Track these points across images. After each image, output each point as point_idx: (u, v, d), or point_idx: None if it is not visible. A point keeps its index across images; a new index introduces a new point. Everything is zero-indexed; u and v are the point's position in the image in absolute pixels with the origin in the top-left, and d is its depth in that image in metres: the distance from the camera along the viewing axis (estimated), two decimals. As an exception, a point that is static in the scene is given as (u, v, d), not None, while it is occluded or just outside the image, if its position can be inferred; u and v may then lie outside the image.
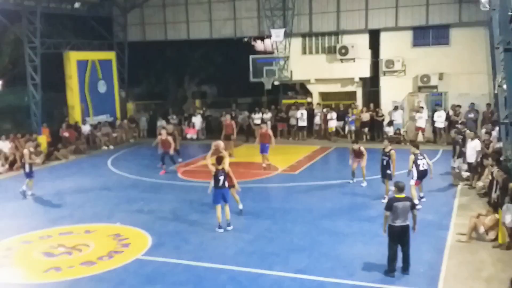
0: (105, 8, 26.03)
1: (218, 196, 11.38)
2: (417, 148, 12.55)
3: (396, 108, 22.41)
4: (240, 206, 12.48)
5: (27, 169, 14.98)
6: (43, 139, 21.25)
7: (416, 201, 11.42)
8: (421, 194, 13.04)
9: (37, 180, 16.48)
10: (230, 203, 11.86)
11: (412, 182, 12.33)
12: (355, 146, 14.31)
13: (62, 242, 11.06)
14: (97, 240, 11.16)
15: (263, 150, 17.39)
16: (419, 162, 12.28)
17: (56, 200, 14.57)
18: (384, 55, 22.96)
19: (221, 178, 11.36)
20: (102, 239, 11.27)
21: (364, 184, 14.38)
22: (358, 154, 14.33)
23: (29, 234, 11.73)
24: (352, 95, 24.21)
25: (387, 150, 12.91)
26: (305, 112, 23.60)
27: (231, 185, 12.09)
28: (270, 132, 17.50)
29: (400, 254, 8.95)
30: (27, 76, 21.31)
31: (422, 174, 12.39)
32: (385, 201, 10.47)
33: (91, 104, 24.80)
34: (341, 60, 23.50)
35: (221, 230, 11.42)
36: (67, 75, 23.61)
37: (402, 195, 8.78)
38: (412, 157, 12.36)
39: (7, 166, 18.82)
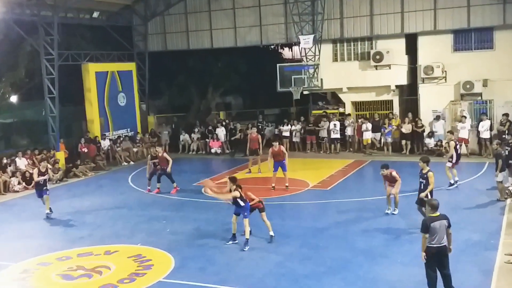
0: (124, 17, 26.59)
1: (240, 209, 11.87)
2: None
3: (437, 118, 22.10)
4: (271, 233, 12.28)
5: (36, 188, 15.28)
6: (61, 155, 21.72)
7: (452, 181, 15.99)
8: (456, 179, 16.21)
9: (55, 198, 16.83)
10: (260, 226, 11.82)
11: (449, 164, 16.05)
12: (385, 172, 13.51)
13: (81, 264, 11.22)
14: (118, 262, 11.27)
15: (279, 168, 16.99)
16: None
17: (74, 220, 14.82)
18: (422, 61, 22.72)
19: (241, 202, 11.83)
20: (123, 260, 11.38)
21: (396, 212, 13.91)
22: (391, 180, 13.78)
23: (46, 255, 11.94)
24: (388, 104, 24.02)
25: (424, 171, 12.20)
26: (337, 123, 23.54)
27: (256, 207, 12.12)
28: (283, 148, 17.33)
29: (441, 278, 8.73)
30: (44, 89, 21.87)
31: (458, 158, 16.11)
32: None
33: (111, 118, 25.26)
34: (376, 67, 23.37)
35: (235, 242, 11.85)
36: (86, 88, 24.14)
37: (437, 214, 8.59)
38: (452, 143, 16.14)
39: (23, 184, 19.25)
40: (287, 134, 24.67)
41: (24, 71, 24.06)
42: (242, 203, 11.83)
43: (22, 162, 19.99)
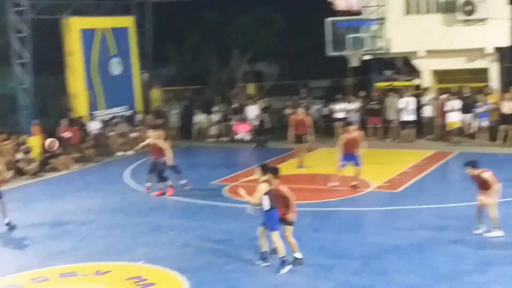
0: (120, -46, 26.73)
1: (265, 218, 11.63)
2: None
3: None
4: (297, 255, 11.97)
5: None
6: (36, 141, 22.03)
7: None
8: None
9: (28, 199, 17.11)
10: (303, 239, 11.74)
11: None
12: (472, 171, 12.79)
13: (63, 287, 11.35)
14: (112, 285, 11.34)
15: (349, 162, 16.99)
16: None
17: (53, 228, 14.99)
18: (532, 13, 22.35)
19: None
20: (118, 283, 11.44)
21: (497, 234, 13.37)
22: (482, 185, 13.12)
23: (17, 275, 12.05)
24: (483, 74, 23.69)
25: None
26: (411, 100, 23.30)
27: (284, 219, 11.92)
28: (360, 135, 17.18)
29: None
30: (12, 53, 22.16)
31: None
32: None
33: (101, 92, 25.54)
34: (465, 22, 23.03)
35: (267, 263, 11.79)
36: (68, 51, 24.40)
37: None
38: None
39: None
40: (340, 115, 24.53)
41: (-15, 28, 24.41)
42: (266, 206, 11.56)
43: (-17, 151, 20.38)
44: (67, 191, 18.65)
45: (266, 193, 11.47)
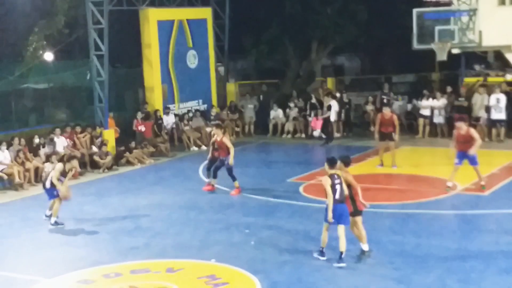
0: None
1: (334, 213, 11.85)
2: None
3: None
4: (365, 247, 12.23)
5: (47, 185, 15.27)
6: (111, 135, 22.56)
7: None
8: None
9: (101, 193, 17.53)
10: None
11: None
12: None
13: (135, 284, 11.54)
14: (184, 284, 11.45)
15: (464, 160, 16.69)
16: None
17: (126, 224, 15.31)
18: None
19: (338, 187, 11.85)
20: (189, 281, 11.56)
21: None
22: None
23: (89, 270, 12.35)
24: None
25: None
26: (503, 97, 22.83)
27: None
28: (473, 132, 16.66)
29: None
30: (90, 44, 22.72)
31: None
32: None
33: (177, 85, 25.91)
34: None
35: (323, 258, 12.08)
36: (145, 43, 24.85)
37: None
38: None
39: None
40: (426, 112, 24.11)
41: (64, 19, 25.05)
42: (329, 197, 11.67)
43: (60, 142, 21.01)
44: (141, 186, 19.00)
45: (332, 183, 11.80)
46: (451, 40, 23.27)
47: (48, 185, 15.09)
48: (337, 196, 11.79)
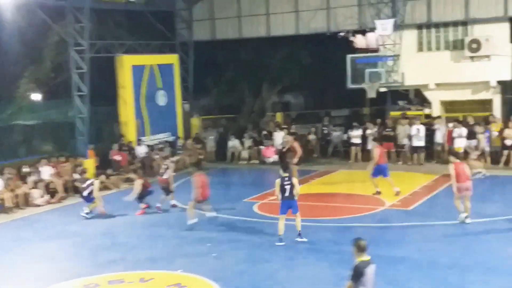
0: (166, 1, 27.06)
1: (284, 207, 13.65)
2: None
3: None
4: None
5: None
6: (91, 164, 22.27)
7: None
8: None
9: (80, 215, 17.26)
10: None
11: None
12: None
13: (112, 292, 11.41)
14: (154, 292, 11.39)
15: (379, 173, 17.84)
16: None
17: (105, 240, 15.12)
18: (531, 50, 22.05)
19: (287, 187, 13.49)
20: (160, 290, 11.49)
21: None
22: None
23: (71, 281, 12.18)
24: (487, 104, 23.46)
25: None
26: (422, 128, 23.10)
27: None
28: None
29: None
30: (73, 86, 22.56)
31: None
32: None
33: (148, 120, 25.77)
34: (472, 58, 22.94)
35: (282, 243, 13.36)
36: (120, 84, 24.75)
37: (367, 257, 8.04)
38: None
39: (46, 197, 19.83)
40: (357, 140, 24.41)
41: (50, 65, 24.88)
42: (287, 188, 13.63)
43: (46, 171, 20.65)
44: (117, 208, 18.73)
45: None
46: (379, 80, 23.61)
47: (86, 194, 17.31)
48: (286, 193, 13.48)
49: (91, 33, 22.76)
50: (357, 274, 7.86)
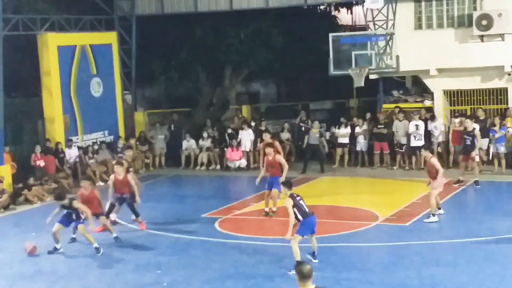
0: (101, -36, 26.89)
1: (307, 227, 13.66)
2: None
3: None
4: None
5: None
6: (7, 171, 21.99)
7: None
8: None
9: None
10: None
11: None
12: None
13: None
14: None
15: (270, 186, 17.66)
16: None
17: (25, 268, 14.89)
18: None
19: (303, 203, 13.90)
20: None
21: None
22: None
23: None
24: (501, 94, 23.77)
25: None
26: (421, 124, 23.36)
27: None
28: (279, 159, 17.71)
29: None
30: (-17, 73, 22.23)
31: None
32: None
33: (80, 116, 25.58)
34: (481, 38, 23.18)
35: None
36: (44, 70, 24.48)
37: (311, 287, 8.15)
38: None
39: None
40: (344, 140, 24.57)
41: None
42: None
43: (-51, 181, 20.36)
44: (41, 226, 18.45)
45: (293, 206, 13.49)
46: (368, 65, 23.60)
47: None
48: (306, 209, 13.58)
49: (5, 5, 22.50)
50: None
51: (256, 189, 20.82)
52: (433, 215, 16.87)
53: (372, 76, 24.72)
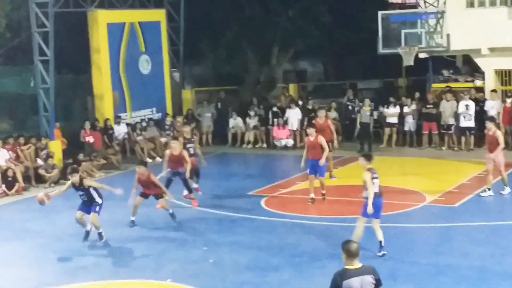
0: None
1: (376, 208, 13.15)
2: None
3: None
4: None
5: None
6: (57, 146, 22.31)
7: None
8: None
9: (46, 210, 17.30)
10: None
11: None
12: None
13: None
14: (137, 306, 11.46)
15: (313, 170, 17.24)
16: None
17: (74, 243, 15.11)
18: None
19: (376, 181, 13.31)
20: (144, 304, 11.54)
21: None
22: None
23: (35, 292, 12.26)
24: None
25: None
26: (472, 104, 23.10)
27: None
28: (321, 140, 17.22)
29: None
30: (34, 49, 22.49)
31: None
32: None
33: (128, 93, 25.78)
34: (537, 16, 22.80)
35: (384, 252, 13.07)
36: (93, 47, 24.72)
37: (358, 265, 7.99)
38: None
39: (3, 187, 19.90)
40: (393, 120, 24.38)
41: (5, 22, 24.80)
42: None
43: (1, 155, 20.71)
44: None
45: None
46: (418, 44, 23.52)
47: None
48: (376, 189, 13.02)
49: (56, -17, 22.67)
50: (331, 286, 7.83)
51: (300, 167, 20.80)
52: (489, 189, 17.21)
53: (421, 55, 24.59)
